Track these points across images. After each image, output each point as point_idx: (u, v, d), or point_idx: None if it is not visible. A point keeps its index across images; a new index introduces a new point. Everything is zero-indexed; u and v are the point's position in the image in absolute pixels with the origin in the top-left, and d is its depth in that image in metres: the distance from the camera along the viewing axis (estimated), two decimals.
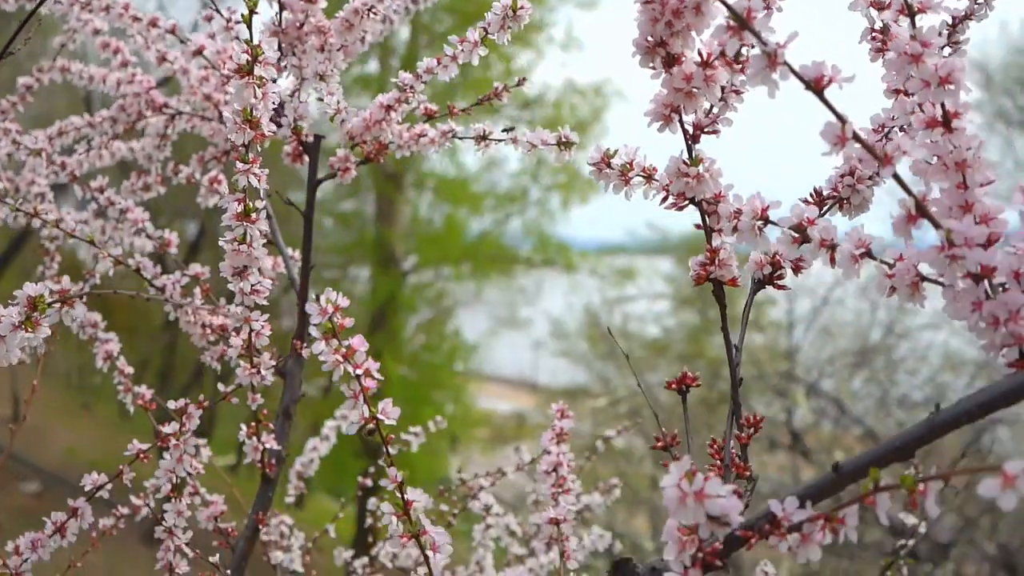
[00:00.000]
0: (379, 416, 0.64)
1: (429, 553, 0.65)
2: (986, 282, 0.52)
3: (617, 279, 10.68)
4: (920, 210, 0.51)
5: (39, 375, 1.17)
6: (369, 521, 1.54)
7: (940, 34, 0.58)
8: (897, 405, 6.46)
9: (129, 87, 1.21)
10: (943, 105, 0.54)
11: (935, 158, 0.55)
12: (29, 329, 0.69)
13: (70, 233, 0.98)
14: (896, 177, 0.51)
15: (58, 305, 0.68)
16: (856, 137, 0.51)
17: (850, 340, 6.94)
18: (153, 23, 1.11)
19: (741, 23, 0.51)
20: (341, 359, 0.62)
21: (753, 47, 0.52)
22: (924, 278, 0.55)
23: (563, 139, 0.83)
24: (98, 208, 1.21)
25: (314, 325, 0.62)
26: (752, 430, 0.63)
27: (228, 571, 0.95)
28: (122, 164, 1.35)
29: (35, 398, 1.17)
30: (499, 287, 11.99)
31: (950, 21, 0.71)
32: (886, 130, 0.70)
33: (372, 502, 1.29)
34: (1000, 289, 0.52)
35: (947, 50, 0.70)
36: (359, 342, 0.63)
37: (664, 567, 0.56)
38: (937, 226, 0.51)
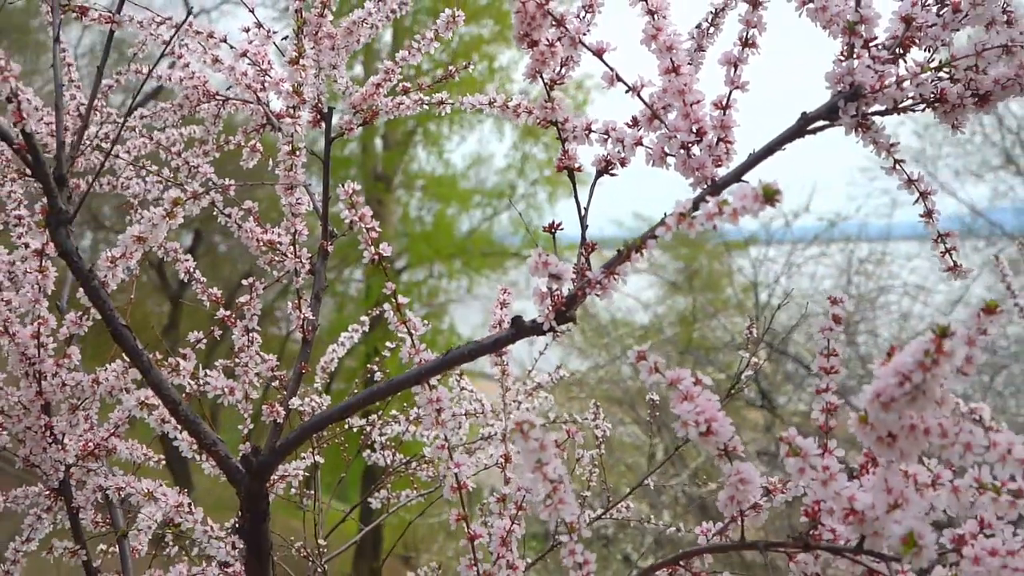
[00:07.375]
0: (381, 252, 1.12)
1: (412, 332, 1.13)
2: (691, 149, 1.00)
3: None
4: (654, 115, 1.00)
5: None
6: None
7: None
8: (860, 364, 6.95)
9: (190, 82, 1.69)
10: (671, 59, 1.02)
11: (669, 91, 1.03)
12: (171, 218, 1.16)
13: (163, 178, 1.46)
14: (643, 101, 1.00)
15: (191, 200, 1.15)
16: (618, 78, 0.99)
17: (818, 306, 7.43)
18: (210, 35, 1.59)
19: (558, 23, 0.99)
20: (357, 219, 1.10)
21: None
22: (667, 153, 1.03)
23: (492, 100, 1.31)
24: (170, 171, 1.69)
25: (341, 200, 1.10)
26: (591, 250, 1.12)
27: (286, 394, 1.43)
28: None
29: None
30: (490, 282, 12.45)
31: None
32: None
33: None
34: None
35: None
36: (368, 210, 1.11)
37: (537, 319, 1.03)
38: (662, 122, 1.00)
